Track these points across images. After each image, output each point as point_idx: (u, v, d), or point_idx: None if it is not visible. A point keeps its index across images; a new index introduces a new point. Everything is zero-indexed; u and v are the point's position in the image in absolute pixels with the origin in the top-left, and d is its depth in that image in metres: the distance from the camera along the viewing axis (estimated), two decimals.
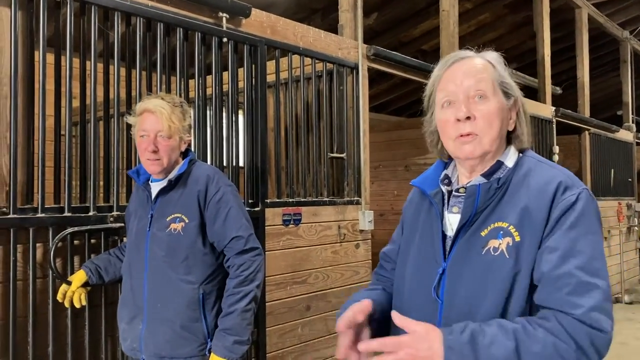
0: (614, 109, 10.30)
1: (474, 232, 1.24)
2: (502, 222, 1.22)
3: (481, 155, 1.28)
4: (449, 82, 1.29)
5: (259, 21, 3.26)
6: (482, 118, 1.25)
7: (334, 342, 3.60)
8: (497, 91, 1.27)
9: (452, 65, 1.31)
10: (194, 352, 2.06)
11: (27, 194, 2.36)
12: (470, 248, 1.24)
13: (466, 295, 1.22)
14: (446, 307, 1.25)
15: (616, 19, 8.09)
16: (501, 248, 1.20)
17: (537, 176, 1.25)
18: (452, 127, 1.28)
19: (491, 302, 1.19)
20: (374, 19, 6.42)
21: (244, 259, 2.08)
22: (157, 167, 2.09)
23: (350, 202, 3.79)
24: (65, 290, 2.22)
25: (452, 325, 1.17)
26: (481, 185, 1.26)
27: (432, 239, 1.33)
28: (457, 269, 1.25)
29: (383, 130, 7.92)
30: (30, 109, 2.37)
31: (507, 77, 1.31)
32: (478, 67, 1.29)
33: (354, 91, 3.89)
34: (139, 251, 2.13)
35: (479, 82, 1.26)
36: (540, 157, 1.34)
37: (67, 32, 2.44)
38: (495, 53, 1.35)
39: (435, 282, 1.27)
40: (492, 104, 1.25)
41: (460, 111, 1.26)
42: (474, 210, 1.24)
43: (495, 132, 1.26)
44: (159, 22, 2.76)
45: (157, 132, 2.05)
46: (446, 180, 1.37)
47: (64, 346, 2.35)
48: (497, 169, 1.29)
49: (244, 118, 3.25)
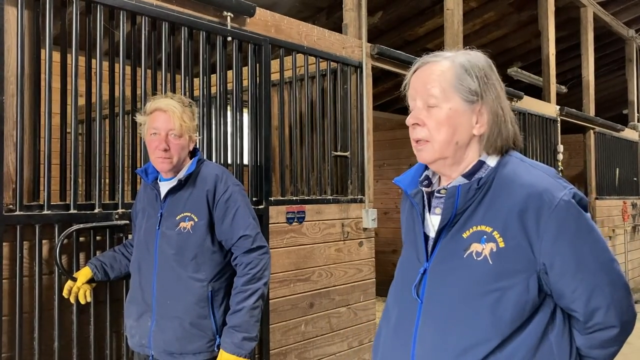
0: (619, 107, 10.26)
1: (455, 233, 1.24)
2: (485, 226, 1.21)
3: (434, 161, 1.28)
4: (411, 89, 1.32)
5: (264, 20, 3.27)
6: (430, 125, 1.26)
7: (336, 339, 3.61)
8: (452, 96, 1.25)
9: (416, 71, 1.32)
10: (203, 348, 2.09)
11: (34, 191, 2.38)
12: (452, 250, 1.24)
13: (445, 297, 1.22)
14: (425, 306, 1.25)
15: (622, 18, 8.06)
16: (484, 253, 1.19)
17: (521, 178, 1.22)
18: (411, 133, 1.30)
19: (472, 307, 1.19)
20: (378, 18, 6.43)
21: (252, 257, 2.11)
22: (167, 165, 2.11)
23: (353, 201, 3.81)
24: (70, 287, 2.25)
25: (429, 324, 1.21)
26: (461, 186, 1.24)
27: (414, 238, 1.34)
28: (438, 270, 1.25)
29: (387, 129, 7.92)
30: (37, 107, 2.39)
31: (470, 81, 1.25)
32: (434, 73, 1.27)
33: (358, 90, 3.89)
34: (148, 249, 2.15)
35: (430, 89, 1.26)
36: (523, 156, 1.31)
37: (73, 31, 2.46)
38: (475, 53, 1.30)
39: (416, 281, 1.28)
40: (442, 110, 1.25)
41: (409, 117, 1.29)
42: (454, 211, 1.24)
43: (444, 138, 1.25)
44: (164, 21, 2.78)
45: (169, 131, 2.08)
46: (426, 182, 1.36)
47: (70, 342, 2.37)
48: (478, 168, 1.28)
49: (249, 116, 3.26)
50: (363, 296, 3.84)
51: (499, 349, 1.17)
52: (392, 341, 1.33)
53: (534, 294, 1.18)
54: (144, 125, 2.14)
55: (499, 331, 1.17)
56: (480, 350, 1.18)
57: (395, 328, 1.33)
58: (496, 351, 1.17)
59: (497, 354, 1.17)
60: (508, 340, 1.17)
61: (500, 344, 1.17)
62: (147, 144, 2.15)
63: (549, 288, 1.20)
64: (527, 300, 1.17)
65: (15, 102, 2.27)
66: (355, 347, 3.77)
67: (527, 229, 1.17)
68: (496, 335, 1.17)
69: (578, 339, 1.23)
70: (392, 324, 1.35)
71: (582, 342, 1.23)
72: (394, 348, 1.32)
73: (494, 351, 1.17)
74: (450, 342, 1.20)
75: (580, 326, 1.22)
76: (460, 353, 1.19)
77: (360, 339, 3.81)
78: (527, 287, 1.17)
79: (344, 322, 3.68)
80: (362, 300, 3.83)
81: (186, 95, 2.80)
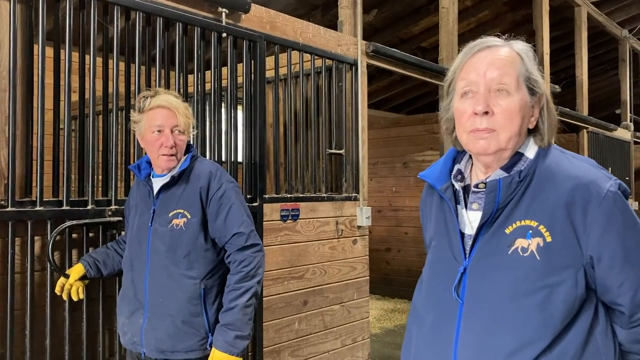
0: (612, 107, 10.31)
1: (497, 229, 1.18)
2: (530, 221, 1.15)
3: (495, 152, 1.20)
4: (471, 72, 1.21)
5: (259, 17, 3.26)
6: (501, 114, 1.18)
7: (330, 337, 3.61)
8: (522, 87, 1.19)
9: (476, 53, 1.22)
10: (195, 347, 2.08)
11: (26, 187, 2.36)
12: (495, 247, 1.18)
13: (490, 296, 1.16)
14: (467, 306, 1.19)
15: (615, 18, 8.09)
16: (531, 249, 1.14)
17: (564, 169, 1.18)
18: (469, 120, 1.21)
19: (520, 306, 1.13)
20: (373, 16, 6.42)
21: (245, 255, 2.10)
22: (173, 162, 2.10)
23: (348, 198, 3.80)
24: (63, 283, 2.23)
25: (473, 325, 1.14)
26: (502, 179, 1.19)
27: (448, 236, 1.27)
28: (480, 268, 1.19)
29: (382, 127, 7.93)
30: (29, 102, 2.37)
31: (535, 72, 1.22)
32: (504, 59, 1.20)
33: (353, 88, 3.89)
34: (140, 246, 2.13)
35: (503, 76, 1.18)
36: (561, 148, 1.27)
37: (67, 26, 2.44)
38: (525, 44, 1.25)
39: (455, 281, 1.21)
40: (514, 100, 1.18)
41: (478, 104, 1.18)
42: (495, 206, 1.18)
43: (514, 129, 1.18)
44: (159, 16, 2.76)
45: (174, 127, 2.07)
46: (459, 176, 1.29)
47: (62, 339, 2.36)
48: (517, 161, 1.22)
49: (243, 114, 3.25)
50: (357, 294, 3.84)
51: (549, 349, 1.12)
52: (430, 344, 1.26)
53: (582, 289, 1.13)
54: (141, 123, 2.11)
55: (550, 330, 1.12)
56: (530, 350, 1.12)
57: (432, 330, 1.25)
58: (547, 351, 1.12)
59: (548, 354, 1.12)
60: (558, 339, 1.12)
61: (550, 344, 1.12)
62: (147, 142, 2.11)
63: (594, 282, 1.16)
64: (576, 296, 1.13)
65: (8, 97, 2.25)
66: (348, 344, 3.77)
67: (574, 222, 1.13)
68: (546, 335, 1.12)
69: (620, 333, 1.19)
70: (427, 326, 1.27)
71: (624, 336, 1.18)
72: (433, 351, 1.25)
73: (545, 351, 1.12)
74: (497, 343, 1.14)
75: (624, 321, 1.17)
76: (509, 354, 1.13)
77: (354, 337, 3.82)
78: (575, 283, 1.13)
79: (337, 319, 3.68)
80: (355, 298, 3.83)
81: (180, 92, 2.79)
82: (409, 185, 7.62)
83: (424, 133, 7.51)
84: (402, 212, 7.67)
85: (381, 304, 7.39)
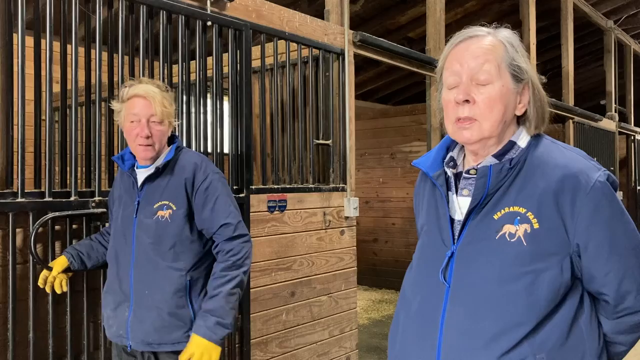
0: (597, 98, 10.39)
1: (486, 214, 1.20)
2: (518, 207, 1.17)
3: (479, 140, 1.22)
4: (454, 62, 1.24)
5: (244, 5, 3.22)
6: (482, 102, 1.20)
7: (318, 328, 3.61)
8: (504, 74, 1.21)
9: (460, 44, 1.25)
10: (181, 338, 2.06)
11: (6, 179, 2.32)
12: (483, 232, 1.20)
13: (476, 280, 1.18)
14: (453, 290, 1.21)
15: (601, 9, 8.13)
16: (518, 235, 1.16)
17: (555, 159, 1.20)
18: (452, 110, 1.23)
19: (506, 290, 1.15)
20: (360, 5, 6.39)
21: (233, 244, 2.09)
22: (150, 152, 2.07)
23: (335, 189, 3.79)
24: (46, 276, 2.20)
25: (459, 308, 1.16)
26: (493, 166, 1.21)
27: (438, 221, 1.28)
28: (468, 252, 1.21)
29: (369, 118, 7.92)
30: (10, 93, 2.32)
31: (519, 59, 1.23)
32: (485, 47, 1.22)
33: (340, 77, 3.87)
34: (125, 238, 2.11)
35: (483, 64, 1.20)
36: (552, 138, 1.29)
37: (47, 15, 2.39)
38: (510, 32, 1.27)
39: (443, 265, 1.23)
40: (495, 87, 1.20)
41: (459, 93, 1.21)
42: (485, 191, 1.20)
43: (496, 117, 1.20)
44: (142, 4, 2.71)
45: (150, 117, 2.04)
46: (451, 163, 1.31)
47: (45, 333, 2.33)
48: (509, 149, 1.24)
49: (229, 104, 3.22)
50: (344, 285, 3.84)
51: (533, 333, 1.14)
52: (416, 327, 1.28)
53: (567, 276, 1.16)
54: (121, 113, 2.09)
55: (534, 315, 1.14)
56: (514, 334, 1.14)
57: (419, 314, 1.27)
58: (530, 335, 1.14)
59: (531, 338, 1.14)
60: (541, 324, 1.15)
61: (534, 328, 1.14)
62: (125, 132, 2.10)
63: (580, 271, 1.18)
64: (561, 282, 1.15)
65: None
66: (336, 335, 3.78)
67: (562, 210, 1.15)
68: (530, 319, 1.14)
69: (605, 324, 1.21)
70: (413, 310, 1.29)
71: (609, 327, 1.21)
72: (418, 334, 1.27)
73: (528, 335, 1.14)
74: (482, 326, 1.16)
75: (608, 311, 1.20)
76: (493, 337, 1.15)
77: (342, 328, 3.82)
78: (561, 270, 1.15)
79: (325, 310, 3.68)
80: (343, 289, 3.83)
81: (164, 82, 2.75)
82: (397, 176, 7.63)
83: (412, 124, 7.52)
84: (389, 203, 7.68)
85: (368, 294, 7.42)
